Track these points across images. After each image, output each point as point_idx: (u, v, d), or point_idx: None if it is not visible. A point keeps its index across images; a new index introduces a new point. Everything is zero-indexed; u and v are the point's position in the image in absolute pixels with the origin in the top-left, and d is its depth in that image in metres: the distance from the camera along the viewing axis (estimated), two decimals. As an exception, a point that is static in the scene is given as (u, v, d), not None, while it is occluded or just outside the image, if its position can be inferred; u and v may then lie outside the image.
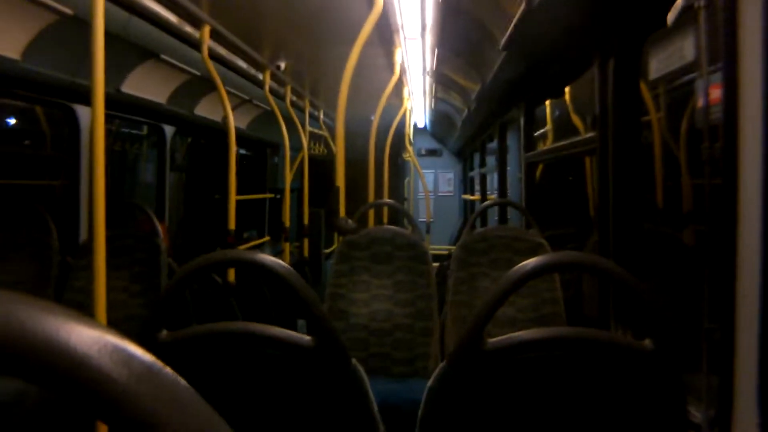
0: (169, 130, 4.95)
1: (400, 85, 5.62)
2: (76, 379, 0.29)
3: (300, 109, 6.33)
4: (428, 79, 6.18)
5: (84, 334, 0.30)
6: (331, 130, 7.84)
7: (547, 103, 4.60)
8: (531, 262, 1.16)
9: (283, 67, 4.97)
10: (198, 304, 3.52)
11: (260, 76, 4.97)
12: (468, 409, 1.18)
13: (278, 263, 1.19)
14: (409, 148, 8.10)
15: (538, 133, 4.59)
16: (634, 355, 1.16)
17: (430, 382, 1.20)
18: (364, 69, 4.12)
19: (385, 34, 4.06)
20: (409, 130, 7.99)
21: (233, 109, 4.35)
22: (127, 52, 3.56)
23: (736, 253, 1.19)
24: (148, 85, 4.09)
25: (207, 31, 3.57)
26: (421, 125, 10.61)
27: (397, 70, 4.53)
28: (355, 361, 1.21)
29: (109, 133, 5.69)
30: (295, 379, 1.20)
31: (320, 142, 8.35)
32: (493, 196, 7.45)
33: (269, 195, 7.03)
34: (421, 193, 10.04)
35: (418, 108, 8.37)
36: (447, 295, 3.18)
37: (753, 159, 1.16)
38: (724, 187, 1.24)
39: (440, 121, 9.42)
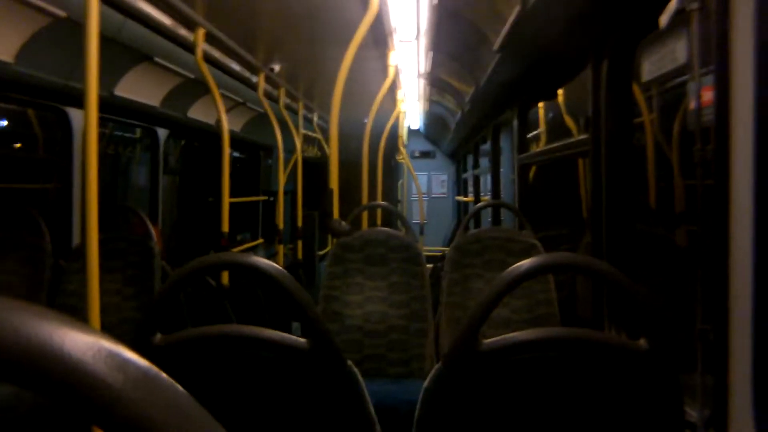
0: (163, 133, 4.94)
1: (394, 87, 5.63)
2: (71, 385, 0.29)
3: (294, 112, 6.33)
4: (422, 82, 6.19)
5: (78, 340, 0.30)
6: (325, 133, 7.84)
7: (541, 105, 4.61)
8: (525, 263, 1.16)
9: (277, 70, 4.97)
10: (192, 307, 3.51)
11: (254, 79, 4.97)
12: (464, 410, 1.18)
13: (272, 266, 1.19)
14: (403, 150, 8.11)
15: (532, 134, 4.60)
16: (630, 356, 1.16)
17: (426, 383, 1.20)
18: (359, 72, 4.12)
19: (380, 37, 4.07)
20: (403, 132, 8.00)
21: (227, 111, 4.34)
22: (121, 55, 3.55)
23: (729, 253, 1.20)
24: (141, 88, 4.08)
25: (201, 33, 3.57)
26: (414, 127, 10.63)
27: (392, 73, 4.53)
28: (350, 363, 1.21)
29: (102, 136, 5.67)
30: (291, 381, 1.20)
31: (314, 145, 8.34)
32: (486, 198, 7.46)
33: (263, 197, 7.02)
34: (415, 195, 10.05)
35: (412, 110, 8.38)
36: (441, 297, 3.18)
37: (744, 160, 1.17)
38: (716, 188, 1.25)
39: (434, 123, 9.44)
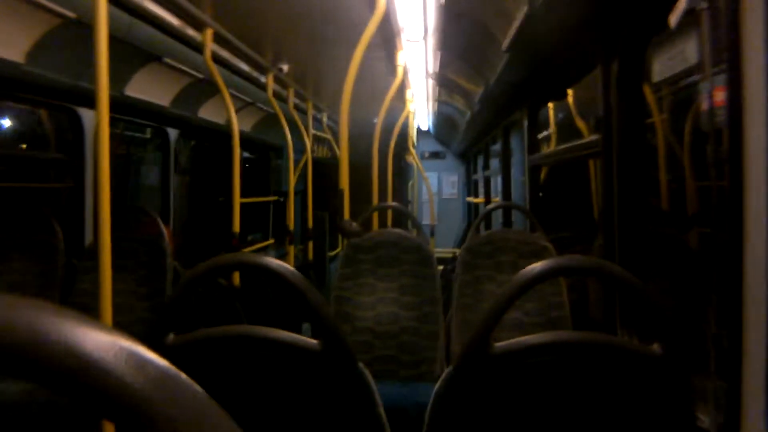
0: (173, 133, 4.96)
1: (402, 87, 5.62)
2: (91, 384, 0.29)
3: (303, 112, 6.34)
4: (431, 82, 6.18)
5: (98, 339, 0.30)
6: (335, 133, 7.84)
7: (551, 105, 4.59)
8: (538, 266, 1.15)
9: (286, 70, 4.98)
10: (203, 308, 3.52)
11: (263, 79, 4.98)
12: (475, 414, 1.17)
13: (285, 267, 1.19)
14: (413, 151, 8.10)
15: (542, 135, 4.58)
16: (643, 360, 1.15)
17: (437, 386, 1.20)
18: (367, 72, 4.12)
19: (388, 37, 4.06)
20: (413, 133, 7.99)
21: (237, 111, 4.35)
22: (130, 56, 3.57)
23: (743, 256, 1.19)
24: (151, 88, 4.10)
25: (210, 34, 3.58)
26: (424, 128, 10.61)
27: (400, 73, 4.53)
28: (361, 365, 1.21)
29: (113, 136, 5.71)
30: (302, 382, 1.20)
31: (324, 145, 8.35)
32: (496, 199, 7.44)
33: (273, 198, 7.03)
34: (425, 196, 10.03)
35: (421, 110, 8.37)
36: (452, 299, 3.17)
37: (758, 160, 1.16)
38: (730, 189, 1.24)
39: (443, 124, 9.42)
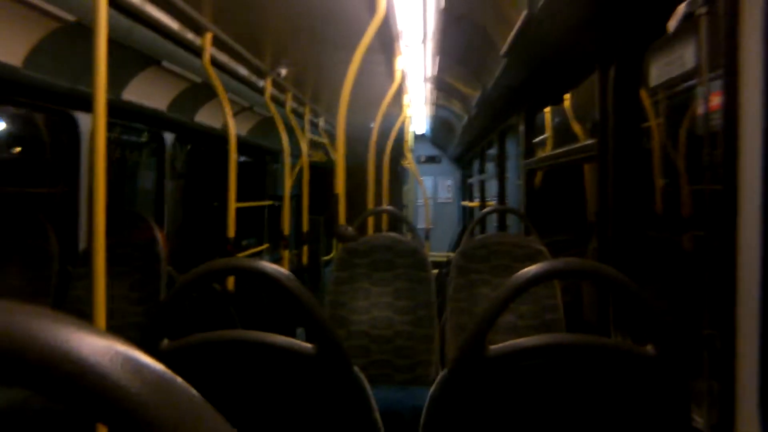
0: (169, 138, 4.95)
1: (400, 92, 5.63)
2: (88, 389, 0.29)
3: (300, 116, 6.34)
4: (429, 86, 6.20)
5: (94, 344, 0.30)
6: (331, 137, 7.84)
7: (547, 110, 4.60)
8: (533, 269, 1.16)
9: (284, 74, 4.98)
10: (197, 313, 3.51)
11: (261, 83, 4.98)
12: (470, 417, 1.17)
13: (280, 271, 1.19)
14: (409, 155, 8.11)
15: (538, 139, 4.59)
16: (637, 362, 1.15)
17: (432, 389, 1.20)
18: (365, 76, 4.13)
19: (387, 42, 4.07)
20: (409, 137, 8.00)
21: (234, 116, 4.35)
22: (129, 60, 3.57)
23: (736, 258, 1.19)
24: (149, 92, 4.10)
25: (209, 38, 3.58)
26: (420, 132, 10.62)
27: (398, 77, 4.54)
28: (357, 369, 1.20)
29: (109, 141, 5.69)
30: (298, 387, 1.19)
31: (320, 149, 8.35)
32: (492, 203, 7.45)
33: (268, 202, 7.03)
34: (421, 200, 10.04)
35: (418, 115, 8.38)
36: (447, 302, 3.17)
37: (753, 165, 1.17)
38: (724, 193, 1.24)
39: (440, 128, 9.44)
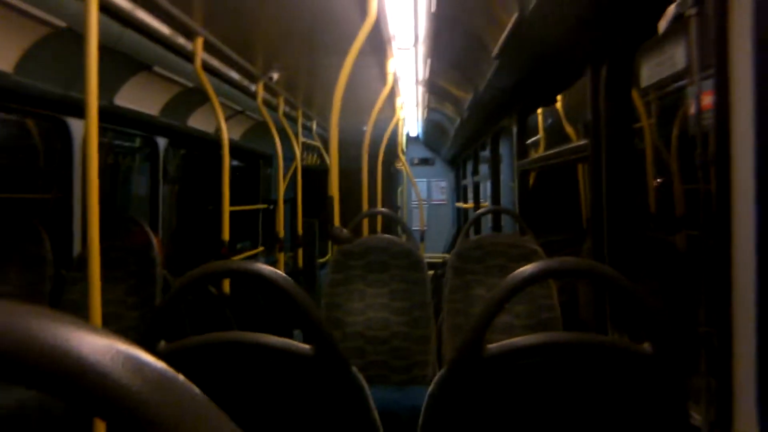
0: (162, 142, 4.94)
1: (392, 95, 5.64)
2: (90, 388, 0.29)
3: (293, 120, 6.34)
4: (421, 89, 6.20)
5: (95, 343, 0.30)
6: (324, 141, 7.84)
7: (539, 111, 4.62)
8: (529, 269, 1.16)
9: (275, 79, 4.98)
10: (193, 316, 3.50)
11: (253, 88, 4.98)
12: (469, 416, 1.18)
13: (276, 273, 1.19)
14: (402, 158, 8.12)
15: (531, 141, 4.61)
16: (634, 359, 1.16)
17: (430, 389, 1.20)
18: (357, 79, 4.14)
19: (378, 45, 4.08)
20: (402, 140, 8.01)
21: (226, 120, 4.35)
22: (120, 65, 3.56)
23: (731, 256, 1.20)
24: (140, 98, 4.09)
25: (200, 42, 3.58)
26: (413, 134, 10.64)
27: (390, 81, 4.54)
28: (355, 369, 1.21)
29: (101, 146, 5.68)
30: (296, 388, 1.20)
31: (313, 153, 8.35)
32: (486, 204, 7.46)
33: (263, 206, 7.02)
34: (415, 202, 10.05)
35: (410, 117, 8.39)
36: (442, 303, 3.18)
37: (745, 163, 1.18)
38: (717, 192, 1.25)
39: (433, 131, 9.45)
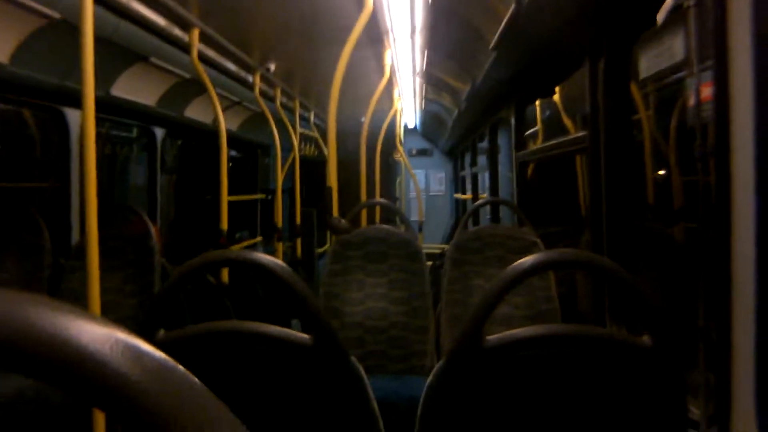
0: (160, 133, 4.93)
1: (390, 86, 5.63)
2: (89, 377, 0.29)
3: (290, 111, 6.32)
4: (418, 80, 6.19)
5: (95, 332, 0.30)
6: (322, 131, 7.83)
7: (537, 102, 4.62)
8: (528, 260, 1.16)
9: (272, 69, 4.96)
10: (191, 305, 3.51)
11: (250, 79, 4.96)
12: (468, 407, 1.18)
13: (275, 262, 1.19)
14: (400, 149, 8.11)
15: (529, 132, 4.60)
16: (633, 352, 1.16)
17: (430, 379, 1.20)
18: (355, 70, 4.12)
19: (375, 36, 4.06)
20: (400, 131, 8.00)
21: (224, 110, 4.33)
22: (116, 56, 3.54)
23: (731, 249, 1.20)
24: (137, 88, 4.07)
25: (196, 34, 3.56)
26: (411, 125, 10.62)
27: (387, 72, 4.53)
28: (353, 359, 1.21)
29: (98, 136, 5.65)
30: (294, 377, 1.20)
31: (311, 144, 8.33)
32: (484, 195, 7.47)
33: (261, 195, 7.02)
34: (413, 193, 10.05)
35: (408, 108, 8.37)
36: (441, 294, 3.18)
37: (745, 155, 1.18)
38: (717, 184, 1.25)
39: (431, 122, 9.43)
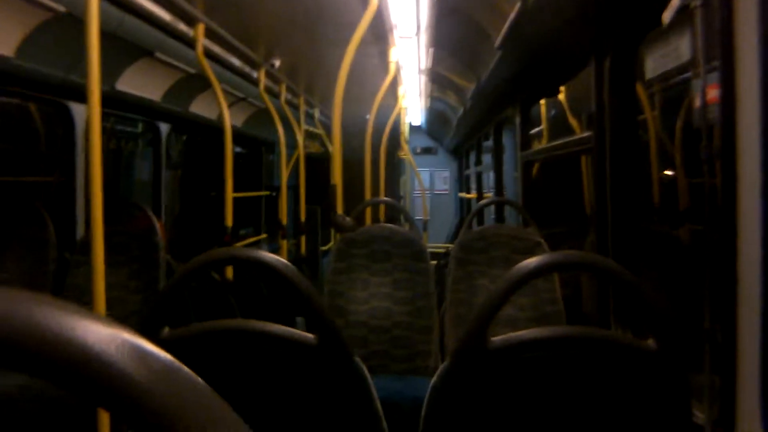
0: (165, 128, 4.93)
1: (395, 83, 5.62)
2: (95, 377, 0.29)
3: (295, 107, 6.32)
4: (423, 78, 6.18)
5: (100, 332, 0.30)
6: (327, 128, 7.83)
7: (542, 102, 4.60)
8: (534, 261, 1.16)
9: (277, 65, 4.96)
10: (196, 302, 3.51)
11: (255, 75, 4.96)
12: (472, 408, 1.18)
13: (279, 260, 1.19)
14: (405, 147, 8.10)
15: (534, 131, 4.59)
16: (638, 355, 1.16)
17: (434, 380, 1.20)
18: (359, 68, 4.12)
19: (380, 33, 4.06)
20: (405, 129, 7.99)
21: (229, 106, 4.34)
22: (121, 50, 3.55)
23: (737, 252, 1.19)
24: (143, 83, 4.08)
25: (201, 29, 3.56)
26: (416, 123, 10.61)
27: (392, 69, 4.52)
28: (358, 359, 1.21)
29: (104, 131, 5.67)
30: (298, 376, 1.20)
31: (316, 140, 8.33)
32: (489, 195, 7.45)
33: (265, 192, 7.02)
34: (417, 191, 10.04)
35: (413, 106, 8.36)
36: (445, 293, 3.17)
37: (751, 157, 1.17)
38: (723, 185, 1.25)
39: (435, 120, 9.42)
